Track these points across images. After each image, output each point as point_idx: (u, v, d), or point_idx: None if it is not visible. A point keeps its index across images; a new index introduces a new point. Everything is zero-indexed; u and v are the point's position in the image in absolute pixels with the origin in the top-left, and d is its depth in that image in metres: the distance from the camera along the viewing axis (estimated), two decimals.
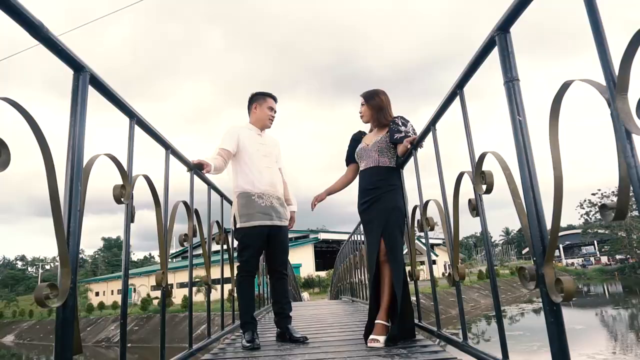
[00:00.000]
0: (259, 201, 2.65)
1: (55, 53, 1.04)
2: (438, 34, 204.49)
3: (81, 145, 1.08)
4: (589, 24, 0.78)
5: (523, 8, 1.08)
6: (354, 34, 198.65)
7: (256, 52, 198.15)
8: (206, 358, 2.27)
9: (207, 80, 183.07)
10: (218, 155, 2.63)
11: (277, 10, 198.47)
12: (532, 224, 1.04)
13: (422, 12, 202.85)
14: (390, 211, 2.40)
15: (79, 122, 1.10)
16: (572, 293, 0.93)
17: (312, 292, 27.27)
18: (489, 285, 3.96)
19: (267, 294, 5.12)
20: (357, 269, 5.77)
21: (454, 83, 1.49)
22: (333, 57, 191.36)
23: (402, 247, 2.39)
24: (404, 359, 1.90)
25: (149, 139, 1.70)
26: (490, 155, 1.27)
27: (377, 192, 2.45)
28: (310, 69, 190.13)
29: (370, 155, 2.54)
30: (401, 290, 2.25)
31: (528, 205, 1.05)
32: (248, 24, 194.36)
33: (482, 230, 1.40)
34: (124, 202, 1.34)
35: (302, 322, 3.72)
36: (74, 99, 1.10)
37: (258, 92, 2.93)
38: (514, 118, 1.08)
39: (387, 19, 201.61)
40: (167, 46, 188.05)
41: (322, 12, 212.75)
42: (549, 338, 1.00)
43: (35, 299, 0.90)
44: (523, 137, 1.07)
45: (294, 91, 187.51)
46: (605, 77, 0.76)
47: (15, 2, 0.88)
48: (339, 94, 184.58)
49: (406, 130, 2.41)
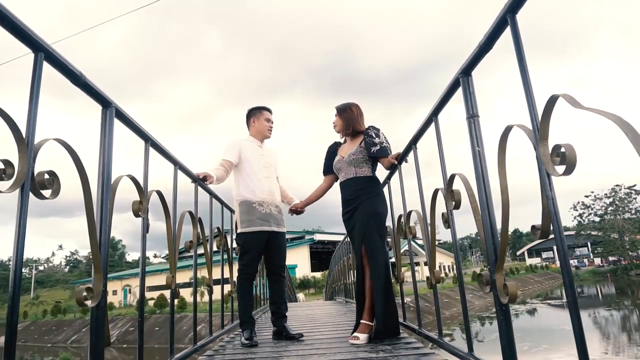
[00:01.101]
0: (259, 208, 2.85)
1: (90, 94, 1.24)
2: (436, 35, 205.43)
3: (109, 170, 1.29)
4: (522, 84, 0.99)
5: (482, 55, 1.29)
6: (351, 35, 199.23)
7: (253, 53, 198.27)
8: (208, 354, 2.46)
9: (204, 80, 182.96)
10: (220, 166, 2.82)
11: (275, 11, 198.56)
12: (487, 238, 1.25)
13: (420, 13, 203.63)
14: (369, 217, 2.58)
15: (107, 150, 1.30)
16: (515, 296, 1.14)
17: (308, 293, 27.42)
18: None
19: (263, 295, 5.30)
20: (351, 270, 5.91)
21: (430, 110, 1.70)
22: (330, 58, 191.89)
23: (383, 250, 2.55)
24: (389, 354, 2.10)
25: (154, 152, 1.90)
26: (461, 175, 1.49)
27: (357, 200, 2.63)
28: (307, 69, 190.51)
29: (347, 168, 2.73)
30: (382, 290, 2.43)
31: (484, 222, 1.26)
32: (246, 25, 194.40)
33: (452, 240, 1.61)
34: (142, 216, 1.55)
35: (297, 322, 3.92)
36: (103, 131, 1.30)
37: (254, 107, 3.15)
38: (474, 149, 1.29)
39: (384, 20, 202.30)
40: (165, 46, 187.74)
41: (320, 13, 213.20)
42: (499, 333, 1.21)
43: (76, 300, 1.10)
44: (481, 165, 1.28)
45: (292, 92, 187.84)
46: (533, 127, 0.97)
47: (62, 59, 1.09)
48: (337, 95, 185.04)
49: (380, 142, 2.61)
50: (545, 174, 0.94)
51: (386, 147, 2.62)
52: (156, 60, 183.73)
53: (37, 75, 0.98)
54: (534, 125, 0.97)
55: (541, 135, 0.94)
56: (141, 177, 1.60)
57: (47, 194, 0.98)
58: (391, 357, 2.01)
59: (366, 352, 2.18)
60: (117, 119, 1.40)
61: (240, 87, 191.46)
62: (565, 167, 0.88)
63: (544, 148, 0.93)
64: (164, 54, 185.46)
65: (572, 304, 0.94)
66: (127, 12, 9.02)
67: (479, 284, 1.29)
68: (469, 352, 1.52)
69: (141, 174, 1.62)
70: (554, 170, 0.91)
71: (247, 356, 2.33)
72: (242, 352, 2.48)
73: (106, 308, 1.22)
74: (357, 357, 2.09)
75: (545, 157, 0.92)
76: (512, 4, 1.02)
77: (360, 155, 2.68)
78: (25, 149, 0.90)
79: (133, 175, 1.47)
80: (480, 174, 1.28)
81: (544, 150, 0.93)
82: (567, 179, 0.88)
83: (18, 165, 0.89)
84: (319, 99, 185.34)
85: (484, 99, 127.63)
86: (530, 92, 0.98)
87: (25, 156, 0.90)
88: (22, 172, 0.89)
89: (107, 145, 1.31)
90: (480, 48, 1.27)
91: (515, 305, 24.37)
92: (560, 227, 0.94)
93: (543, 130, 0.93)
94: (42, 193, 0.96)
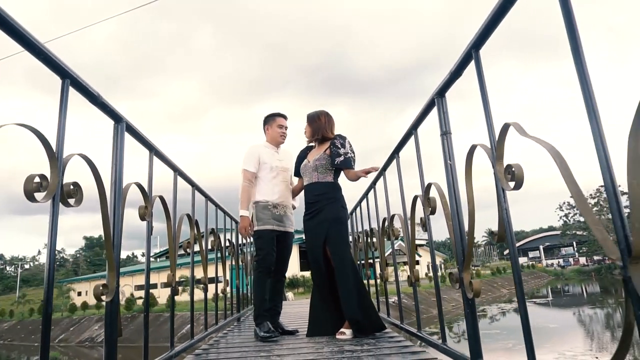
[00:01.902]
0: (274, 210, 3.03)
1: (105, 112, 1.39)
2: (429, 36, 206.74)
3: (121, 179, 1.43)
4: (482, 103, 1.16)
5: (453, 80, 1.46)
6: (344, 35, 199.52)
7: (246, 51, 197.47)
8: (203, 348, 2.60)
9: (195, 78, 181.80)
10: (246, 182, 3.02)
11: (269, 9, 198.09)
12: (456, 242, 1.42)
13: (413, 14, 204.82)
14: (330, 222, 2.76)
15: (118, 161, 1.44)
16: (479, 291, 1.31)
17: (297, 292, 27.57)
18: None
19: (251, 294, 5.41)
20: None
21: (410, 125, 1.88)
22: (322, 57, 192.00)
23: (348, 252, 2.74)
24: (372, 347, 2.28)
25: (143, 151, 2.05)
26: (436, 184, 1.66)
27: (317, 205, 2.82)
28: (299, 68, 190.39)
29: (311, 172, 2.90)
30: (353, 289, 2.61)
31: (454, 227, 1.43)
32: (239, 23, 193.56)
33: (429, 242, 1.79)
34: (147, 220, 1.69)
35: (287, 319, 4.07)
36: (115, 144, 1.45)
37: (269, 114, 3.30)
38: (446, 162, 1.46)
39: (377, 20, 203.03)
40: (156, 43, 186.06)
41: (312, 12, 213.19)
42: (466, 323, 1.38)
43: (94, 295, 1.25)
44: (452, 176, 1.46)
45: (283, 91, 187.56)
46: (491, 148, 1.14)
47: (85, 82, 1.23)
48: (328, 94, 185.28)
49: (345, 152, 2.78)
50: (500, 189, 1.11)
51: (350, 158, 2.78)
52: (147, 56, 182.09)
53: (64, 99, 1.12)
54: (492, 147, 1.14)
55: (497, 155, 1.11)
56: (146, 182, 1.75)
57: (72, 202, 1.13)
58: (374, 349, 2.18)
59: (352, 345, 2.35)
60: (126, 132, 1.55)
61: (232, 85, 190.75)
62: (515, 183, 1.05)
63: (499, 166, 1.10)
64: (155, 50, 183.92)
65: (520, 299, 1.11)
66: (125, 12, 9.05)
67: (450, 282, 1.46)
68: (442, 342, 1.70)
69: (144, 178, 1.77)
70: (507, 186, 1.08)
71: (243, 349, 2.48)
72: (238, 345, 2.63)
73: (118, 303, 1.36)
74: (343, 349, 2.26)
75: (500, 174, 1.09)
76: (476, 42, 1.19)
77: (324, 162, 2.85)
78: (56, 164, 1.04)
79: (140, 183, 1.62)
80: (452, 184, 1.45)
81: (499, 168, 1.10)
82: (554, 179, 1.03)
83: (50, 177, 1.03)
84: (311, 99, 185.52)
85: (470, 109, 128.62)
86: (489, 118, 1.15)
87: (56, 170, 1.04)
88: (53, 184, 1.03)
89: (119, 157, 1.45)
90: (452, 75, 1.44)
91: (501, 303, 24.80)
92: (512, 233, 1.12)
93: (499, 150, 1.10)
94: (69, 201, 1.11)
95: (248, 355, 2.30)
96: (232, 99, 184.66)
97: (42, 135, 1.03)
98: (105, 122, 1.49)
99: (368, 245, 3.12)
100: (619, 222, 0.73)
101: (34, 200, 0.98)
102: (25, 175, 0.99)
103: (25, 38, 1.02)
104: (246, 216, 2.95)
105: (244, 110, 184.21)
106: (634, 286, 0.67)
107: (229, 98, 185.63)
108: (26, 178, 0.98)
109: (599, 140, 0.77)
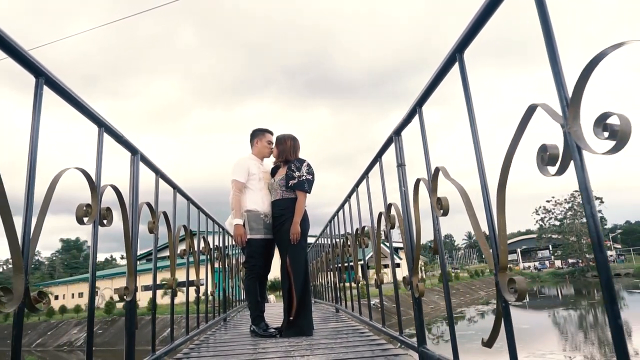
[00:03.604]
0: (265, 219, 3.33)
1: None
2: (409, 39, 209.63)
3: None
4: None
5: (411, 119, 1.83)
6: (327, 37, 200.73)
7: (228, 51, 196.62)
8: (191, 347, 2.90)
9: (176, 78, 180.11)
10: (237, 192, 3.31)
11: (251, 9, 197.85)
12: (407, 253, 1.79)
13: (394, 19, 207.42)
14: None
15: (135, 190, 1.76)
16: (423, 292, 1.68)
17: (278, 295, 27.77)
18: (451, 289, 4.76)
19: (235, 297, 5.67)
20: (320, 272, 6.26)
21: (375, 153, 2.24)
22: (305, 58, 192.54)
23: (304, 260, 3.19)
24: (344, 341, 2.63)
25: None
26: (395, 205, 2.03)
27: (282, 218, 3.22)
28: (282, 69, 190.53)
29: (276, 190, 3.30)
30: (300, 292, 3.05)
31: (406, 242, 1.80)
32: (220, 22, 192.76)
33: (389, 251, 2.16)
34: (154, 233, 2.01)
35: (269, 319, 4.39)
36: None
37: (257, 129, 3.60)
38: (401, 189, 1.83)
39: (360, 23, 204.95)
40: (136, 41, 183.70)
41: (295, 13, 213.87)
42: (414, 317, 1.75)
43: (118, 295, 1.56)
44: (406, 201, 1.82)
45: (266, 91, 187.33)
46: (428, 180, 1.50)
47: (117, 131, 1.55)
48: (311, 96, 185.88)
49: (299, 175, 3.18)
50: (435, 216, 1.48)
51: (303, 182, 3.18)
52: (126, 55, 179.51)
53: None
54: (429, 180, 1.50)
55: (433, 188, 1.47)
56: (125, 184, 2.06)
57: (105, 222, 1.44)
58: (346, 343, 2.54)
59: (327, 340, 2.71)
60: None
61: (214, 85, 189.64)
62: (442, 211, 1.41)
63: (434, 198, 1.46)
64: (135, 49, 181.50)
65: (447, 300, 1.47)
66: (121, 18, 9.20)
67: (404, 284, 1.83)
68: (400, 334, 2.06)
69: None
70: (438, 213, 1.44)
71: (230, 344, 2.80)
72: (226, 341, 2.95)
73: (135, 302, 1.68)
74: (320, 342, 2.61)
75: (434, 204, 1.45)
76: (420, 100, 1.56)
77: (284, 182, 3.26)
78: (96, 195, 1.36)
79: (150, 203, 1.94)
80: (405, 207, 1.82)
81: (434, 199, 1.46)
82: (531, 184, 1.10)
83: (92, 205, 1.34)
84: (294, 100, 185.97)
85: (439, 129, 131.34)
86: (428, 162, 1.51)
87: (96, 199, 1.36)
88: (94, 210, 1.34)
89: (135, 187, 1.77)
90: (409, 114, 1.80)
91: (478, 305, 25.51)
92: (442, 250, 1.49)
93: (434, 186, 1.46)
94: (104, 222, 1.43)
95: (236, 348, 2.62)
96: (214, 100, 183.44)
97: (86, 172, 1.34)
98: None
99: (344, 251, 3.47)
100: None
101: (82, 223, 1.29)
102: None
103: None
104: (241, 224, 3.24)
105: (226, 111, 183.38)
106: (500, 288, 1.04)
107: (211, 98, 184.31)
108: (77, 206, 1.26)
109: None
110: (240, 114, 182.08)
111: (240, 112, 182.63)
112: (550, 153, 0.88)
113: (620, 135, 0.78)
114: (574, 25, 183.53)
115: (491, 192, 1.11)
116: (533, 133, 1.17)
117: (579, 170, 0.82)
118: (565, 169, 0.87)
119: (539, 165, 0.91)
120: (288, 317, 3.11)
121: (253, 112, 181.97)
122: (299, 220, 3.15)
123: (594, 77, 0.84)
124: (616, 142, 0.81)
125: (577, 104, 0.94)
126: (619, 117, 0.81)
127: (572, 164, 0.84)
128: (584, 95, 0.85)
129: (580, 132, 0.85)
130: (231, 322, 4.44)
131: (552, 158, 0.88)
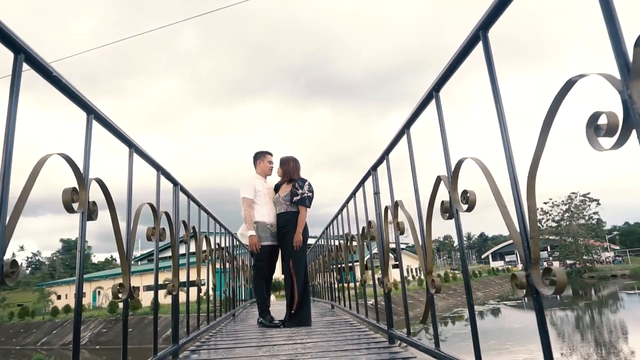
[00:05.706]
0: (271, 229, 3.93)
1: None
2: (410, 41, 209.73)
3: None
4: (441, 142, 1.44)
5: (425, 105, 2.28)
6: (328, 37, 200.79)
7: (229, 52, 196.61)
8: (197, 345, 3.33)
9: (177, 79, 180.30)
10: (248, 207, 3.87)
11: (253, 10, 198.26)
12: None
13: (395, 19, 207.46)
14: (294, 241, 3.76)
15: (130, 185, 1.87)
16: (390, 289, 2.14)
17: (279, 295, 28.20)
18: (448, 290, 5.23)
19: (239, 297, 6.03)
20: (319, 272, 6.47)
21: (371, 165, 2.56)
22: (306, 59, 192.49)
23: (304, 263, 3.81)
24: (336, 329, 3.12)
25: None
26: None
27: (286, 228, 3.83)
28: (283, 70, 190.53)
29: (281, 204, 3.90)
30: (301, 292, 3.61)
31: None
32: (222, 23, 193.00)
33: (378, 250, 2.64)
34: (160, 241, 2.47)
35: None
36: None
37: (259, 152, 4.21)
38: (377, 214, 2.29)
39: (361, 24, 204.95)
40: (138, 41, 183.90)
41: (296, 14, 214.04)
42: (385, 305, 2.22)
43: (112, 293, 2.03)
44: (381, 224, 2.28)
45: (267, 92, 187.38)
46: (448, 178, 1.36)
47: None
48: (312, 96, 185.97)
49: (302, 193, 3.79)
50: (455, 211, 1.38)
51: (305, 198, 3.80)
52: (128, 55, 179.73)
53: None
54: (448, 176, 1.40)
55: (452, 186, 1.36)
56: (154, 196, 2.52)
57: (93, 216, 1.43)
58: (337, 330, 3.03)
59: (321, 328, 3.19)
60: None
61: (214, 86, 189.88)
62: (468, 205, 1.29)
63: (454, 194, 1.37)
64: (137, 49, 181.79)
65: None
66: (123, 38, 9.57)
67: (379, 284, 2.29)
68: (389, 328, 2.54)
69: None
70: (460, 207, 1.32)
71: (241, 333, 3.28)
72: (237, 331, 3.43)
73: (128, 300, 2.15)
74: (316, 330, 3.10)
75: (456, 200, 1.35)
76: (436, 85, 1.47)
77: (289, 197, 3.86)
78: (84, 185, 1.31)
79: (153, 204, 2.09)
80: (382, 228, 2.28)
81: (454, 196, 1.37)
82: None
83: (80, 195, 1.26)
84: (295, 100, 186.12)
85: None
86: (447, 150, 1.45)
87: (84, 190, 1.30)
88: (83, 201, 1.28)
89: (129, 182, 1.86)
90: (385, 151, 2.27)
91: (476, 305, 25.69)
92: (463, 249, 1.87)
93: (454, 183, 1.36)
94: (92, 216, 1.41)
95: (248, 334, 3.12)
96: (214, 100, 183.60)
97: (72, 160, 1.26)
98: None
99: (348, 249, 3.89)
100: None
101: (71, 211, 1.21)
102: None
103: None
104: (255, 235, 3.80)
105: (227, 111, 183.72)
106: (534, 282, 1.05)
107: (212, 99, 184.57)
108: (64, 190, 1.20)
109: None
110: (241, 114, 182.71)
111: (241, 113, 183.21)
112: (610, 122, 0.75)
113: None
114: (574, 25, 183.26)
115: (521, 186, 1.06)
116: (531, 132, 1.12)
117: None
118: (624, 141, 0.75)
119: (590, 139, 0.80)
120: (290, 310, 3.63)
121: (254, 113, 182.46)
122: (301, 230, 3.75)
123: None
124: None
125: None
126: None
127: (634, 133, 0.72)
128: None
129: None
130: (239, 316, 4.94)
131: (610, 129, 0.75)
